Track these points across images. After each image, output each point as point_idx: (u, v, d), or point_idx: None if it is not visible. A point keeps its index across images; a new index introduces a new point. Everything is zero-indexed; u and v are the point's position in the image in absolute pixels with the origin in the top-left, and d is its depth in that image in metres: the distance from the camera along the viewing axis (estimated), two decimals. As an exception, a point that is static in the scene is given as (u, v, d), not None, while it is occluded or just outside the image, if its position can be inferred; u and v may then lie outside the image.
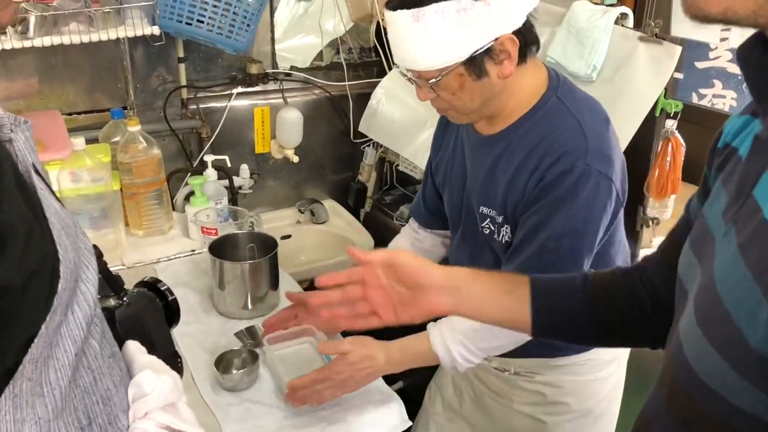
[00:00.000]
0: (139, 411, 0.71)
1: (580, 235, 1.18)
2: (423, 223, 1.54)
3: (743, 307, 0.53)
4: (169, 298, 0.97)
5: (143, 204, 1.88)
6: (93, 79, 2.00)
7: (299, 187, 2.44)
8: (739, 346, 0.53)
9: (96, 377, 0.67)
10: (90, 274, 0.67)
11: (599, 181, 1.15)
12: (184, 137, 2.15)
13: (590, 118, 1.20)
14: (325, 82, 2.33)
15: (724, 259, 0.57)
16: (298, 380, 1.24)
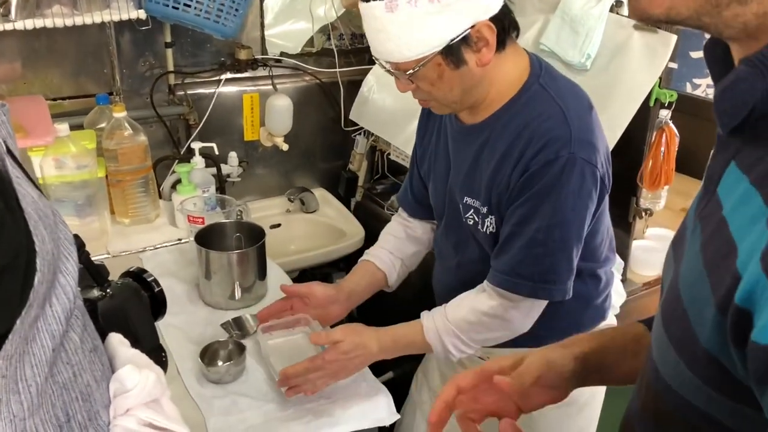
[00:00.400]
0: (121, 407, 0.69)
1: (569, 225, 1.17)
2: (411, 213, 1.52)
3: (696, 305, 0.53)
4: (155, 289, 0.94)
5: (129, 192, 1.85)
6: (78, 64, 1.95)
7: (289, 175, 2.40)
8: (692, 344, 0.53)
9: (76, 372, 0.64)
10: (70, 266, 0.64)
11: (584, 168, 1.14)
12: (171, 124, 2.11)
13: (573, 105, 1.18)
14: (315, 68, 2.29)
15: (688, 257, 0.56)
16: (291, 368, 1.22)
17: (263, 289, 1.59)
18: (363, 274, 1.47)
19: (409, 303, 1.60)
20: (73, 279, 0.64)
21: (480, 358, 1.41)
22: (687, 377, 0.54)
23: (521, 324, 1.26)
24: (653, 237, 1.96)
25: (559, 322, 1.33)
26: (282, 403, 1.26)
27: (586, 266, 1.31)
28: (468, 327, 1.25)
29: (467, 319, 1.25)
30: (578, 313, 1.35)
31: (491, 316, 1.24)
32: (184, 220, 1.75)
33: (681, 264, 0.58)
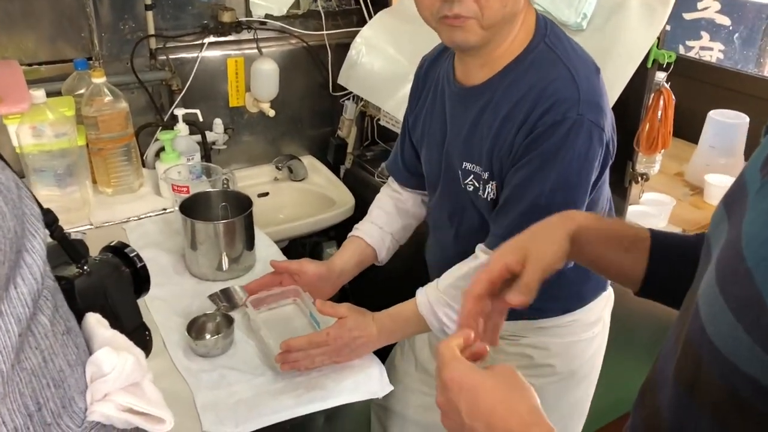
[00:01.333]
0: (98, 392, 0.65)
1: (574, 188, 1.12)
2: (402, 182, 1.47)
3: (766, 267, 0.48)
4: (137, 265, 0.89)
5: (111, 160, 1.79)
6: (54, 28, 1.87)
7: (276, 142, 2.34)
8: (756, 308, 0.49)
9: (46, 358, 0.60)
10: (36, 244, 0.59)
11: (592, 131, 1.09)
12: (154, 90, 2.04)
13: (581, 67, 1.13)
14: (302, 31, 2.22)
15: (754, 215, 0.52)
16: (294, 340, 1.19)
17: (251, 259, 1.54)
18: (353, 251, 1.43)
19: (400, 275, 1.57)
20: (40, 258, 0.59)
21: None
22: (743, 341, 0.50)
23: None
24: (649, 202, 1.93)
25: (560, 294, 1.30)
26: (272, 376, 1.22)
27: None
28: (457, 294, 1.21)
29: (456, 285, 1.21)
30: (579, 285, 1.32)
31: None
32: (169, 190, 1.70)
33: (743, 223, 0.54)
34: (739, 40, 2.61)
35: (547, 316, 1.32)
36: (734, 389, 0.52)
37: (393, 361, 1.60)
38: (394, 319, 1.26)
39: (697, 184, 2.15)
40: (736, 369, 0.51)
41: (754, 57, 2.65)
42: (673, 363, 0.61)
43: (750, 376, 0.50)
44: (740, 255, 0.52)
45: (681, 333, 0.61)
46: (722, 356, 0.53)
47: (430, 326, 1.24)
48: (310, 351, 1.20)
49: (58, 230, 0.74)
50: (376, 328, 1.25)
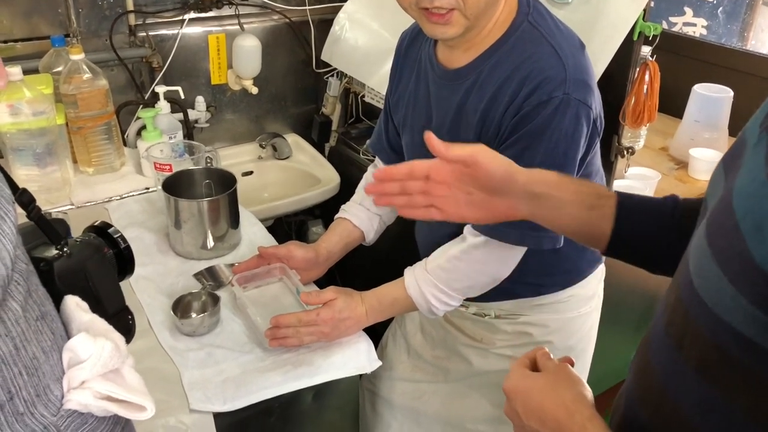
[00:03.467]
0: (75, 379, 0.62)
1: (560, 168, 1.10)
2: (388, 161, 1.45)
3: (752, 218, 0.49)
4: (121, 246, 0.87)
5: (91, 139, 1.76)
6: (30, 3, 1.82)
7: (260, 120, 2.32)
8: (741, 259, 0.49)
9: (18, 345, 0.58)
10: (6, 227, 0.57)
11: (579, 109, 1.08)
12: (134, 67, 2.01)
13: (566, 44, 1.12)
14: (284, 6, 2.18)
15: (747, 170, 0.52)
16: (284, 317, 1.19)
17: (236, 237, 1.53)
18: (340, 233, 1.42)
19: (388, 255, 1.56)
20: (10, 242, 0.57)
21: (474, 314, 1.38)
22: (727, 293, 0.51)
23: (499, 269, 1.22)
24: (634, 176, 1.93)
25: (558, 269, 1.31)
26: (260, 353, 1.22)
27: None
28: (446, 275, 1.21)
29: (444, 267, 1.21)
30: (577, 258, 1.32)
31: (468, 261, 1.20)
32: (151, 168, 1.67)
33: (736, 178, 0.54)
34: (723, 14, 2.61)
35: (546, 293, 1.32)
36: (719, 342, 0.53)
37: (384, 349, 1.59)
38: (381, 299, 1.26)
39: (682, 158, 2.15)
40: (720, 320, 0.52)
41: (737, 31, 2.66)
42: (664, 318, 0.61)
43: (734, 328, 0.51)
44: (730, 208, 0.52)
45: (673, 289, 0.61)
46: (707, 308, 0.53)
47: (417, 306, 1.24)
48: (299, 329, 1.19)
49: (35, 211, 0.72)
50: (364, 308, 1.24)
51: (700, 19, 2.78)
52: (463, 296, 1.24)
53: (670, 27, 2.99)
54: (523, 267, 1.24)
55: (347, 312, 1.21)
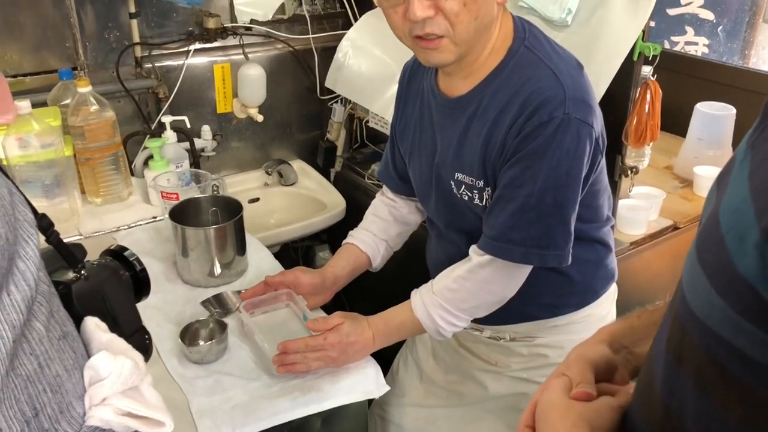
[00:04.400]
0: (96, 397, 0.64)
1: (564, 188, 1.12)
2: (395, 190, 1.46)
3: (736, 231, 0.50)
4: (137, 268, 0.89)
5: (99, 170, 1.78)
6: (39, 38, 1.86)
7: (265, 147, 2.34)
8: (727, 271, 0.50)
9: (42, 363, 0.60)
10: (30, 250, 0.59)
11: (580, 129, 1.09)
12: (140, 98, 2.03)
13: (564, 66, 1.13)
14: (288, 35, 2.22)
15: (733, 185, 0.53)
16: (291, 343, 1.20)
17: (243, 264, 1.54)
18: (347, 258, 1.42)
19: (394, 280, 1.56)
20: (34, 264, 0.59)
21: (489, 338, 1.38)
22: (716, 305, 0.51)
23: (505, 288, 1.22)
24: (639, 196, 1.93)
25: (574, 289, 1.31)
26: (268, 380, 1.22)
27: (591, 228, 1.28)
28: (452, 296, 1.21)
29: (450, 288, 1.21)
30: (590, 277, 1.32)
31: (474, 281, 1.20)
32: (158, 197, 1.69)
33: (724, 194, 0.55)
34: (723, 32, 2.63)
35: (561, 313, 1.32)
36: (712, 354, 0.53)
37: (395, 374, 1.59)
38: (388, 322, 1.26)
39: (687, 176, 2.16)
40: (713, 333, 0.53)
41: (738, 49, 2.67)
42: (665, 334, 0.62)
43: (725, 340, 0.51)
44: (717, 223, 0.53)
45: (671, 305, 0.62)
46: (700, 321, 0.54)
47: (425, 328, 1.24)
48: (307, 354, 1.20)
49: (54, 235, 0.74)
50: (371, 332, 1.24)
51: (702, 38, 2.80)
52: (471, 317, 1.24)
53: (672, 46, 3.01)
54: (537, 288, 1.24)
55: (354, 336, 1.21)
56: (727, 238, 0.51)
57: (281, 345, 1.20)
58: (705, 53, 2.74)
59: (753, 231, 0.47)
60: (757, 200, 0.48)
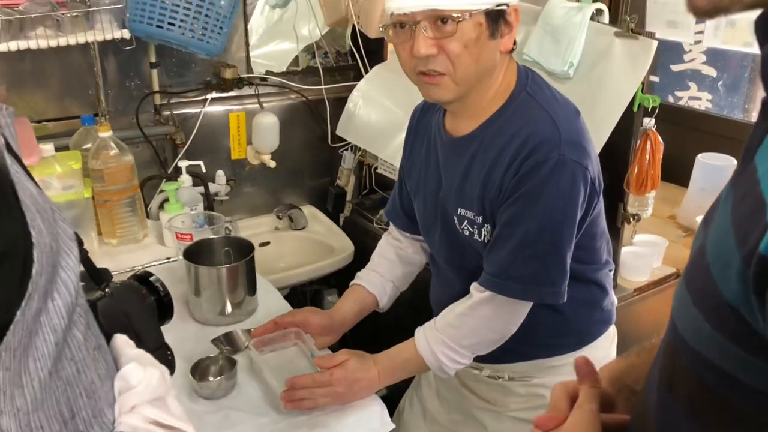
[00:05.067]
0: (126, 405, 0.68)
1: (560, 226, 1.17)
2: (402, 227, 1.51)
3: (720, 260, 0.54)
4: (161, 292, 0.94)
5: (116, 211, 1.84)
6: (63, 86, 1.95)
7: (277, 193, 2.40)
8: (713, 297, 0.54)
9: (80, 369, 0.64)
10: (71, 261, 0.64)
11: (575, 170, 1.15)
12: (158, 144, 2.11)
13: (561, 110, 1.20)
14: (301, 86, 2.30)
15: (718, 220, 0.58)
16: (299, 378, 1.22)
17: (253, 304, 1.57)
18: (355, 299, 1.46)
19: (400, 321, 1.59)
20: (75, 274, 0.64)
21: (488, 377, 1.40)
22: (704, 330, 0.55)
23: (506, 325, 1.25)
24: (642, 243, 1.97)
25: (569, 330, 1.34)
26: (275, 416, 1.24)
27: (588, 269, 1.31)
28: (454, 332, 1.24)
29: (452, 324, 1.25)
30: (586, 319, 1.35)
31: (475, 317, 1.24)
32: (173, 238, 1.74)
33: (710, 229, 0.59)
34: (723, 87, 2.70)
35: (558, 354, 1.35)
36: (702, 379, 0.57)
37: (401, 414, 1.61)
38: (393, 359, 1.29)
39: (690, 225, 2.19)
40: (702, 357, 0.56)
41: (740, 104, 2.74)
42: (658, 363, 0.65)
43: (714, 364, 0.55)
44: (704, 255, 0.57)
45: (664, 335, 0.65)
46: (690, 347, 0.57)
47: (429, 365, 1.26)
48: (314, 391, 1.22)
49: (83, 253, 0.79)
50: (377, 369, 1.27)
51: (705, 93, 2.87)
52: (473, 354, 1.27)
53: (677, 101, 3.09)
54: (534, 328, 1.27)
55: (360, 373, 1.24)
56: (713, 267, 0.55)
57: (289, 381, 1.22)
58: (708, 108, 2.81)
59: (735, 260, 0.51)
60: (738, 232, 0.52)
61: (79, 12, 1.75)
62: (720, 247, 0.54)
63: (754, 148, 0.59)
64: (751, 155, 0.59)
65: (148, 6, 1.76)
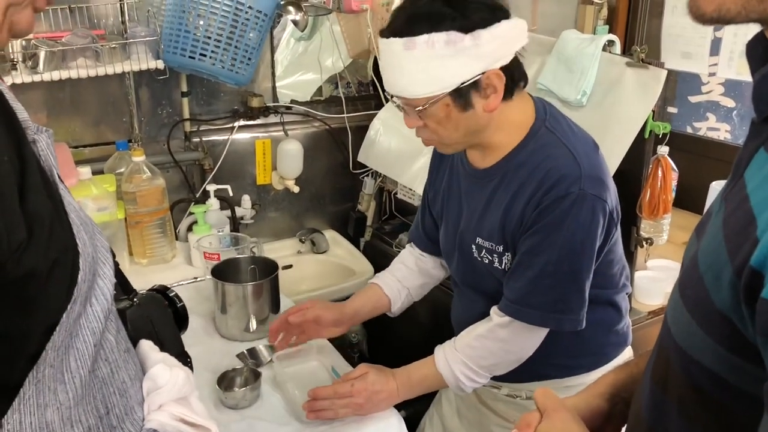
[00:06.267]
0: (154, 403, 0.74)
1: (579, 256, 1.21)
2: (423, 249, 1.56)
3: (712, 270, 0.58)
4: (177, 304, 1.00)
5: (147, 233, 1.92)
6: (99, 113, 2.05)
7: (300, 217, 2.48)
8: (705, 305, 0.58)
9: (113, 369, 0.70)
10: (107, 271, 0.71)
11: (595, 204, 1.19)
12: (188, 169, 2.20)
13: (580, 145, 1.24)
14: (324, 115, 2.39)
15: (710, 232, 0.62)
16: (320, 389, 1.28)
17: (277, 321, 1.63)
18: (369, 296, 1.52)
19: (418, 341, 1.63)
20: (110, 282, 0.71)
21: (507, 396, 1.44)
22: (698, 336, 0.59)
23: (523, 348, 1.29)
24: (656, 268, 2.00)
25: (585, 351, 1.37)
26: (297, 426, 1.29)
27: (605, 293, 1.35)
28: (473, 353, 1.29)
29: (471, 345, 1.29)
30: (602, 341, 1.39)
31: (493, 340, 1.28)
32: (200, 258, 1.81)
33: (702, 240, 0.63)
34: (738, 117, 2.74)
35: (575, 374, 1.38)
36: (694, 381, 0.60)
37: (422, 431, 1.65)
38: (411, 375, 1.33)
39: (705, 251, 2.22)
40: (694, 361, 0.60)
41: (755, 133, 2.77)
42: (651, 366, 0.69)
43: (705, 367, 0.59)
44: (696, 265, 0.61)
45: (657, 341, 0.70)
46: (682, 350, 0.61)
47: (447, 383, 1.31)
48: (335, 401, 1.27)
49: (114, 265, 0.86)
50: (396, 383, 1.31)
51: (723, 125, 2.91)
52: (490, 374, 1.31)
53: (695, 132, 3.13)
54: (550, 349, 1.31)
55: (379, 385, 1.29)
56: (705, 276, 0.59)
57: (311, 391, 1.28)
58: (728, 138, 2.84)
59: (727, 271, 0.55)
60: (730, 244, 0.57)
61: (117, 43, 1.86)
62: (712, 258, 0.59)
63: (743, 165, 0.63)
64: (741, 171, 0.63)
65: (181, 38, 1.86)
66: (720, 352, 0.57)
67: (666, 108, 2.93)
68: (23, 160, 0.60)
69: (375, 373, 1.30)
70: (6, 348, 0.55)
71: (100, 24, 1.95)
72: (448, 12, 1.12)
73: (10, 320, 0.58)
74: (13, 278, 0.57)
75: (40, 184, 0.62)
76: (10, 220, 0.56)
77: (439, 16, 1.12)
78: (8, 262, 0.56)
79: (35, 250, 0.58)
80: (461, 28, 1.11)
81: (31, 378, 0.61)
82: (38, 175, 0.62)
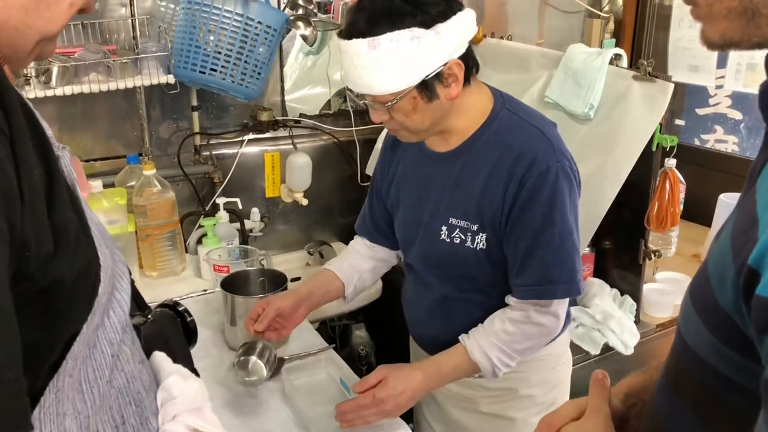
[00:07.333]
0: (168, 414, 0.75)
1: (573, 224, 1.28)
2: (372, 239, 1.59)
3: (718, 271, 0.59)
4: (187, 319, 1.01)
5: (157, 246, 1.94)
6: (110, 127, 2.08)
7: (308, 230, 2.49)
8: (711, 305, 0.59)
9: (128, 380, 0.71)
10: (124, 284, 0.72)
11: (569, 173, 1.27)
12: (197, 182, 2.22)
13: (543, 123, 1.31)
14: (333, 128, 2.41)
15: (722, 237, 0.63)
16: (344, 405, 1.28)
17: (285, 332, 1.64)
18: (321, 280, 1.54)
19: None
20: (127, 295, 0.72)
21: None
22: (703, 335, 0.61)
23: (555, 325, 1.33)
24: (665, 280, 2.00)
25: None
26: (306, 438, 1.30)
27: None
28: (508, 338, 1.30)
29: (507, 330, 1.30)
30: None
31: (529, 325, 1.30)
32: (210, 271, 1.82)
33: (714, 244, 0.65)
34: (746, 129, 2.74)
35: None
36: (704, 381, 0.62)
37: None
38: (443, 366, 1.33)
39: (714, 264, 2.22)
40: (703, 361, 0.61)
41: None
42: (665, 367, 0.71)
43: (713, 367, 0.60)
44: (705, 267, 0.63)
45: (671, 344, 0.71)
46: (692, 351, 0.63)
47: (482, 369, 1.31)
48: (361, 412, 1.27)
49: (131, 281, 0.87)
50: (421, 374, 1.30)
51: (731, 137, 2.91)
52: (522, 357, 1.33)
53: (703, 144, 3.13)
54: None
55: (402, 386, 1.27)
56: (712, 278, 0.61)
57: (337, 407, 1.27)
58: (735, 150, 2.85)
59: (730, 271, 0.57)
60: (735, 245, 0.58)
61: (129, 58, 1.88)
62: (719, 260, 0.60)
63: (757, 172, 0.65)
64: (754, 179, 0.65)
65: (192, 53, 1.88)
66: (727, 352, 0.59)
67: (674, 120, 2.94)
68: (51, 175, 0.62)
69: (394, 377, 1.28)
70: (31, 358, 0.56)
71: (112, 39, 1.98)
72: (407, 9, 1.15)
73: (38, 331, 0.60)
74: (41, 288, 0.58)
75: (66, 198, 0.63)
76: (39, 231, 0.57)
77: (400, 13, 1.15)
78: (36, 272, 0.57)
79: (61, 261, 0.59)
80: (422, 23, 1.15)
81: (51, 387, 0.62)
82: (64, 189, 0.64)
